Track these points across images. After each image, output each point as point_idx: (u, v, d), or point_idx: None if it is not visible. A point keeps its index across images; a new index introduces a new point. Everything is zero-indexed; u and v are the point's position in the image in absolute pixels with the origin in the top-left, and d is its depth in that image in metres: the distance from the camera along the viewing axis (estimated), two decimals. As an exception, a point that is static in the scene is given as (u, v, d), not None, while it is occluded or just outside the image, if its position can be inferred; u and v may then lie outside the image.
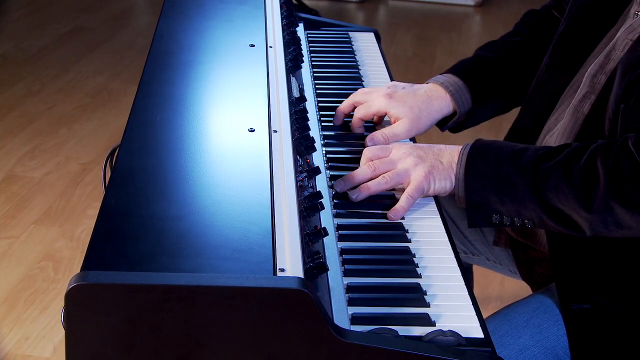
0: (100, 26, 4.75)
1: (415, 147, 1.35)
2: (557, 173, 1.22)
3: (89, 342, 0.94)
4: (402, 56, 4.48)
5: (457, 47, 4.70)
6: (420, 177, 1.31)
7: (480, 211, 1.28)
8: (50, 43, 4.44)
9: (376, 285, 1.13)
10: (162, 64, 1.52)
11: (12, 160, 3.21)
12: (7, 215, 2.84)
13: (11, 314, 2.38)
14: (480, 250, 1.73)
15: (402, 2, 5.44)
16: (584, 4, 1.48)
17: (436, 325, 1.05)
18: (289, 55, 1.67)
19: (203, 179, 1.16)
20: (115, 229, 1.03)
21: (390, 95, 1.51)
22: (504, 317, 1.37)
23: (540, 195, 1.24)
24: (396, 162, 1.34)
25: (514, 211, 1.27)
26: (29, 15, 4.91)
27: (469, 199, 1.29)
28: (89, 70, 4.10)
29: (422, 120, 1.51)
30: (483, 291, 2.57)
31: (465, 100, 1.57)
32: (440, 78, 1.59)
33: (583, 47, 1.46)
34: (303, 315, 0.94)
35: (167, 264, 0.97)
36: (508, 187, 1.26)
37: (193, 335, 0.94)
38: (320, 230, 1.10)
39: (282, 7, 1.88)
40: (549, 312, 1.35)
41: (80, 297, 0.91)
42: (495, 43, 1.69)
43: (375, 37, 2.03)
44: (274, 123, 1.32)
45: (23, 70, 4.06)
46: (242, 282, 0.93)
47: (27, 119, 3.56)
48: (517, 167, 1.26)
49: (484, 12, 5.35)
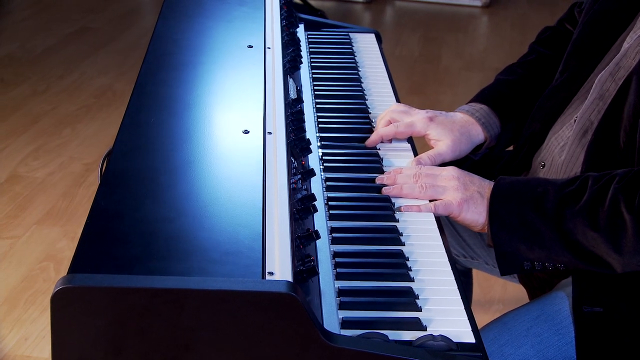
0: (106, 26, 4.76)
1: (464, 174, 1.35)
2: (583, 219, 1.23)
3: (75, 345, 0.93)
4: (408, 57, 4.46)
5: (463, 48, 4.68)
6: (454, 200, 1.31)
7: (511, 260, 1.29)
8: (55, 43, 4.45)
9: (368, 289, 1.12)
10: (159, 65, 1.51)
11: (15, 160, 3.21)
12: (9, 215, 2.84)
13: (11, 314, 2.38)
14: (479, 254, 1.72)
15: (408, 3, 5.43)
16: (596, 11, 1.50)
17: (427, 329, 1.04)
18: (287, 56, 1.66)
19: (195, 181, 1.15)
20: (104, 231, 1.03)
21: (432, 118, 1.52)
22: (503, 325, 1.35)
23: (569, 240, 1.24)
24: (440, 179, 1.35)
25: (545, 257, 1.27)
26: (35, 15, 4.91)
27: (498, 249, 1.28)
28: (94, 71, 4.11)
29: (463, 143, 1.53)
30: (485, 294, 2.56)
31: (493, 124, 1.59)
32: (466, 107, 1.61)
33: (594, 54, 1.47)
34: (291, 320, 0.93)
35: (155, 266, 0.96)
36: (535, 236, 1.26)
37: (181, 338, 0.94)
38: (312, 233, 1.09)
39: (282, 8, 1.87)
40: (550, 321, 1.33)
41: (66, 300, 0.91)
42: (512, 66, 1.72)
43: (376, 38, 2.02)
44: (269, 125, 1.31)
45: (28, 71, 4.06)
46: (230, 285, 0.92)
47: (32, 118, 3.56)
48: (542, 215, 1.25)
49: (491, 13, 5.33)
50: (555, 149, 1.46)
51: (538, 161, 1.50)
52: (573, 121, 1.44)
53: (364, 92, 1.72)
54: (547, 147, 1.48)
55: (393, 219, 1.28)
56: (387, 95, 1.72)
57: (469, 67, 4.35)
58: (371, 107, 1.66)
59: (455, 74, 4.24)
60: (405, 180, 1.36)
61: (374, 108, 1.65)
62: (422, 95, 3.94)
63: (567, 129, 1.45)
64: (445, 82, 4.11)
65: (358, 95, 1.69)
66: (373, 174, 1.41)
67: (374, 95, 1.71)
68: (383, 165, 1.44)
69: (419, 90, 3.99)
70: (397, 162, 1.46)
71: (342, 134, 1.53)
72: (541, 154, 1.50)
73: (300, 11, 4.93)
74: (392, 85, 1.77)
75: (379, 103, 1.68)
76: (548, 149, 1.48)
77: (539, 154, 1.51)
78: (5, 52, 4.30)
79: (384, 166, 1.44)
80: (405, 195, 1.34)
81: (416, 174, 1.36)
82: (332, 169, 1.42)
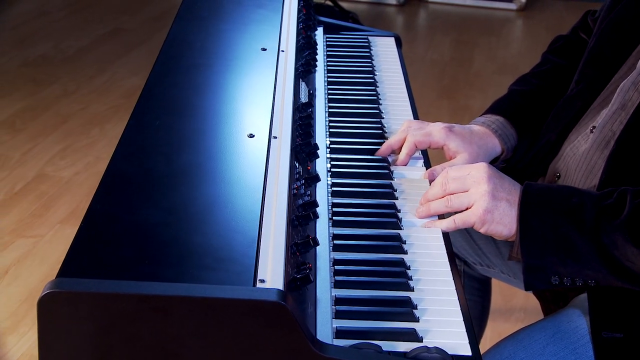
0: (139, 27, 4.79)
1: (495, 175, 1.28)
2: (623, 234, 1.17)
3: (62, 350, 0.92)
4: (439, 60, 4.43)
5: (496, 52, 4.63)
6: (477, 211, 1.24)
7: (538, 274, 1.23)
8: (88, 44, 4.49)
9: (365, 298, 1.10)
10: (170, 67, 1.51)
11: (43, 159, 3.24)
12: (34, 214, 2.87)
13: (33, 312, 2.39)
14: (495, 262, 1.69)
15: (442, 6, 5.39)
16: (613, 19, 1.46)
17: (423, 341, 1.02)
18: (302, 59, 1.65)
19: (195, 185, 1.14)
20: (98, 235, 1.02)
21: (450, 128, 1.48)
22: (519, 343, 1.32)
23: (606, 255, 1.19)
24: (469, 181, 1.27)
25: (577, 272, 1.22)
26: (70, 16, 4.96)
27: (527, 262, 1.22)
28: (125, 71, 4.13)
29: (481, 155, 1.50)
30: (506, 302, 2.52)
31: (510, 136, 1.56)
32: (481, 119, 1.57)
33: (611, 62, 1.43)
34: (281, 329, 0.91)
35: (145, 272, 0.95)
36: (571, 250, 1.20)
37: (169, 346, 0.92)
38: (309, 240, 1.08)
39: (300, 11, 1.85)
40: (566, 340, 1.30)
41: (53, 304, 0.90)
42: (526, 76, 1.68)
43: (396, 42, 2.00)
44: (275, 129, 1.30)
45: (60, 71, 4.10)
46: (218, 293, 0.91)
47: (61, 118, 3.59)
48: (579, 227, 1.19)
49: (526, 17, 5.27)
50: (571, 159, 1.42)
51: (553, 172, 1.47)
52: (589, 130, 1.40)
53: (379, 97, 1.70)
54: (563, 158, 1.45)
55: (397, 227, 1.26)
56: (402, 100, 1.70)
57: (501, 71, 4.30)
58: (385, 112, 1.63)
59: (486, 78, 4.20)
60: (435, 192, 1.30)
61: (388, 113, 1.63)
62: (452, 99, 3.90)
63: (582, 139, 1.41)
64: (475, 87, 4.07)
65: (372, 100, 1.67)
66: (381, 180, 1.39)
67: (388, 100, 1.69)
68: (392, 172, 1.42)
69: (448, 94, 3.95)
70: (407, 170, 1.44)
71: (352, 139, 1.51)
72: (556, 164, 1.47)
73: (332, 14, 4.90)
74: (407, 90, 1.74)
75: (393, 108, 1.66)
76: (563, 159, 1.45)
77: (555, 164, 1.48)
78: (40, 52, 4.35)
79: (392, 172, 1.42)
80: (433, 214, 1.29)
81: (443, 182, 1.30)
82: (340, 174, 1.40)
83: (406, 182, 1.39)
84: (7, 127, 3.48)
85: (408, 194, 1.36)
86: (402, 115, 1.64)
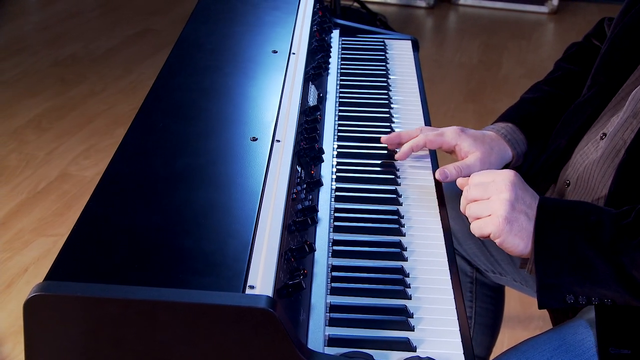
0: (167, 28, 4.80)
1: (520, 185, 1.23)
2: None
3: (47, 354, 0.92)
4: (467, 63, 4.38)
5: (525, 55, 4.58)
6: (495, 220, 1.20)
7: (553, 292, 1.19)
8: (117, 44, 4.52)
9: (361, 305, 1.08)
10: (178, 69, 1.50)
11: (67, 158, 3.26)
12: (56, 213, 2.89)
13: (50, 312, 2.40)
14: (507, 270, 1.66)
15: (472, 9, 5.34)
16: (626, 24, 1.43)
17: (417, 350, 1.00)
18: (314, 62, 1.64)
19: (193, 189, 1.13)
20: (90, 237, 1.01)
21: (462, 130, 1.48)
22: (522, 354, 1.29)
23: (623, 274, 1.15)
24: (491, 188, 1.23)
25: (593, 292, 1.18)
26: (101, 16, 5.00)
27: (542, 281, 1.19)
28: (151, 72, 4.15)
29: (493, 156, 1.48)
30: (525, 310, 2.48)
31: (520, 142, 1.54)
32: (490, 127, 1.56)
33: (623, 68, 1.40)
34: (268, 336, 0.90)
35: (134, 276, 0.94)
36: (588, 270, 1.16)
37: (155, 351, 0.92)
38: (305, 246, 1.06)
39: (315, 14, 1.84)
40: (571, 352, 1.27)
41: (39, 307, 0.90)
42: (538, 84, 1.67)
43: (413, 45, 1.97)
44: (279, 132, 1.29)
45: (88, 71, 4.13)
46: (204, 298, 0.90)
47: (87, 118, 3.62)
48: (597, 247, 1.16)
49: (558, 20, 5.21)
50: (580, 166, 1.39)
51: (563, 179, 1.44)
52: (599, 137, 1.37)
53: (391, 101, 1.68)
54: (573, 165, 1.42)
55: (399, 233, 1.24)
56: (414, 105, 1.68)
57: (530, 75, 4.24)
58: (396, 117, 1.62)
59: (514, 82, 4.15)
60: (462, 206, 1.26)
61: (399, 117, 1.61)
62: (478, 103, 3.86)
63: (592, 146, 1.38)
64: (502, 90, 4.02)
65: (383, 104, 1.65)
66: (386, 185, 1.37)
67: (400, 104, 1.67)
68: (399, 178, 1.40)
69: (474, 97, 3.91)
70: (415, 173, 1.42)
71: (360, 143, 1.50)
72: (566, 172, 1.44)
73: (360, 16, 4.85)
74: (421, 95, 1.72)
75: (404, 112, 1.64)
76: (573, 167, 1.42)
77: (565, 171, 1.45)
78: (69, 52, 4.38)
79: (399, 178, 1.40)
80: None
81: (466, 188, 1.26)
82: (345, 179, 1.39)
83: (412, 188, 1.37)
84: (34, 126, 3.51)
85: (413, 199, 1.34)
86: (413, 120, 1.62)
